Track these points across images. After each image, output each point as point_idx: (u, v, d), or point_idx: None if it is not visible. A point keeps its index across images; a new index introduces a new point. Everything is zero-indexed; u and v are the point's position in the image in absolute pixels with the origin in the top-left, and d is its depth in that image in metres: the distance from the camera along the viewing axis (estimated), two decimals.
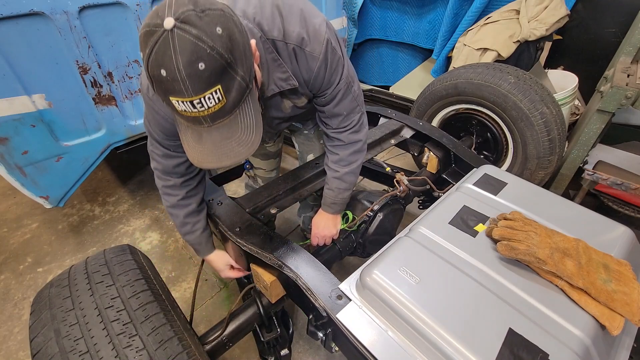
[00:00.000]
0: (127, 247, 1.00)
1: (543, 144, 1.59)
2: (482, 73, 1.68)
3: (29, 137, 1.47)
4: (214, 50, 0.57)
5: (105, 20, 1.50)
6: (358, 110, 1.05)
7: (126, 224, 2.22)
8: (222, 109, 0.64)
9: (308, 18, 0.84)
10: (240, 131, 0.69)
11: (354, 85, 1.00)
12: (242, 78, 0.64)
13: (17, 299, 1.77)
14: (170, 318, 0.80)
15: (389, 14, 2.84)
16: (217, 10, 0.60)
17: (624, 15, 2.15)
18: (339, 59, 0.91)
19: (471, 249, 0.93)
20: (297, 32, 0.83)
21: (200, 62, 0.57)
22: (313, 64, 0.87)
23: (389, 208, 1.31)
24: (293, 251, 1.03)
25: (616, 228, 1.02)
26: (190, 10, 0.57)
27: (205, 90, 0.59)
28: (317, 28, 0.85)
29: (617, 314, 0.78)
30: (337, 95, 0.97)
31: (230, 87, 0.62)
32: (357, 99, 1.03)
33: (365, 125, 1.10)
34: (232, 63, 0.61)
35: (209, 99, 0.60)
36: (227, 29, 0.60)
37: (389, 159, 2.62)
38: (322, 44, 0.85)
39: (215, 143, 0.69)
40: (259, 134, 0.71)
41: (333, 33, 0.89)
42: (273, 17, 0.83)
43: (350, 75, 0.97)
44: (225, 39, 0.59)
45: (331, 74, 0.91)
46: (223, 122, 0.67)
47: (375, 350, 0.78)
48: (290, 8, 0.84)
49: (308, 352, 1.48)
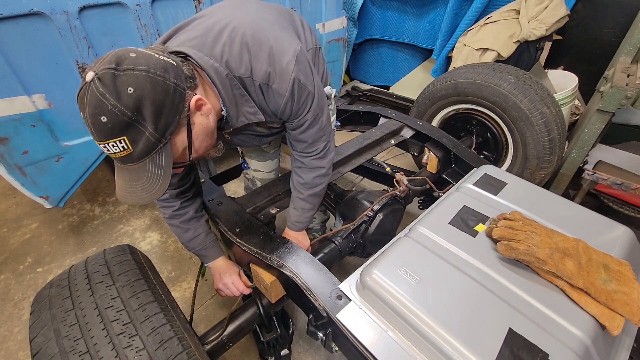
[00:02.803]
0: (127, 247, 1.00)
1: (543, 144, 1.59)
2: (482, 73, 1.68)
3: (29, 137, 1.47)
4: (115, 107, 0.64)
5: (105, 20, 1.50)
6: (324, 140, 1.07)
7: (126, 224, 2.22)
8: (128, 156, 0.70)
9: (277, 55, 0.87)
10: (146, 179, 0.74)
11: (322, 117, 1.01)
12: (151, 134, 0.69)
13: (17, 299, 1.77)
14: (170, 318, 0.80)
15: (389, 14, 2.84)
16: (140, 71, 0.66)
17: (624, 15, 2.15)
18: (308, 94, 0.93)
19: (471, 249, 0.93)
20: (264, 70, 0.86)
21: (103, 116, 0.64)
22: (279, 100, 0.90)
23: (389, 208, 1.31)
24: (293, 251, 1.03)
25: (616, 228, 1.02)
26: (109, 69, 0.65)
27: (108, 139, 0.67)
28: (284, 67, 0.87)
29: (617, 314, 0.78)
30: (303, 124, 0.99)
31: (137, 140, 0.68)
32: (324, 129, 1.04)
33: (330, 152, 1.12)
34: (139, 120, 0.67)
35: (113, 146, 0.68)
36: (141, 89, 0.66)
37: (389, 159, 2.62)
38: (289, 82, 0.87)
39: (125, 181, 0.75)
40: (163, 186, 0.76)
41: (304, 67, 0.91)
42: (241, 54, 0.86)
43: (319, 106, 0.99)
44: (133, 99, 0.65)
45: (298, 107, 0.94)
46: (132, 166, 0.73)
47: (375, 350, 0.78)
48: (260, 45, 0.86)
49: (308, 352, 1.48)
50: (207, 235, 1.19)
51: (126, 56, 0.68)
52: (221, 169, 1.94)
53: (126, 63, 0.66)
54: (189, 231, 1.16)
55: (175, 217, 1.13)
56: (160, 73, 0.69)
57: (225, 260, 1.22)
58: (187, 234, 1.16)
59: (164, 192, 0.76)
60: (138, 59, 0.68)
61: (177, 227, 1.15)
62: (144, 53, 0.70)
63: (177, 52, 0.82)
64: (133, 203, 0.77)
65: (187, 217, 1.15)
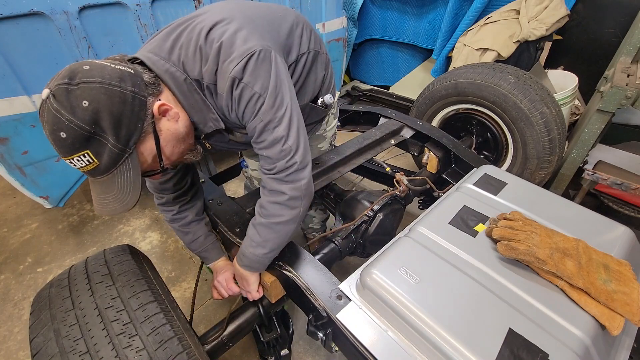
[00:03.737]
0: (127, 247, 1.00)
1: (543, 144, 1.59)
2: (482, 73, 1.68)
3: (29, 137, 1.47)
4: (72, 122, 0.64)
5: (105, 20, 1.50)
6: (285, 158, 0.87)
7: (126, 224, 2.22)
8: (96, 169, 0.70)
9: (223, 53, 0.80)
10: (117, 190, 0.74)
11: (278, 127, 0.84)
12: (114, 145, 0.69)
13: (17, 299, 1.77)
14: (170, 318, 0.80)
15: (389, 14, 2.84)
16: (94, 83, 0.66)
17: (624, 15, 2.15)
18: (252, 96, 0.81)
19: (471, 249, 0.93)
20: (210, 70, 0.81)
21: (61, 132, 0.64)
22: (221, 101, 0.84)
23: (389, 208, 1.31)
24: (293, 251, 1.03)
25: (616, 228, 1.02)
26: (62, 85, 0.64)
27: (71, 154, 0.67)
28: (225, 66, 0.79)
29: (617, 314, 0.78)
30: (254, 133, 0.86)
31: (100, 152, 0.68)
32: (284, 145, 0.85)
33: (298, 180, 0.89)
34: (98, 132, 0.67)
35: (78, 160, 0.68)
36: (96, 101, 0.65)
37: (389, 159, 2.62)
38: (227, 81, 0.79)
39: (98, 194, 0.76)
40: (135, 195, 0.75)
41: (256, 68, 0.80)
42: (195, 55, 0.82)
43: (272, 114, 0.83)
44: (89, 112, 0.65)
45: (242, 111, 0.83)
46: (102, 178, 0.73)
47: (375, 350, 0.78)
48: (211, 43, 0.81)
49: (308, 352, 1.48)
50: (206, 237, 1.18)
51: (79, 70, 0.67)
52: (221, 168, 1.94)
53: (79, 77, 0.66)
54: (189, 234, 1.16)
55: (175, 221, 1.14)
56: (116, 83, 0.68)
57: (225, 261, 1.21)
58: (187, 237, 1.16)
59: (136, 201, 0.76)
60: (91, 71, 0.67)
61: (177, 230, 1.16)
62: (98, 64, 0.70)
63: (134, 58, 0.80)
64: (108, 214, 0.78)
65: (187, 221, 1.14)
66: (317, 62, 1.08)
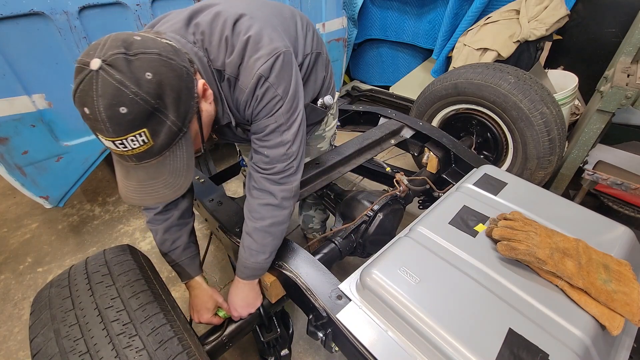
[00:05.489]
0: (127, 247, 1.00)
1: (543, 144, 1.59)
2: (482, 73, 1.68)
3: (29, 137, 1.47)
4: (137, 95, 0.57)
5: (105, 20, 1.50)
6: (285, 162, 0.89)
7: (126, 224, 2.22)
8: (148, 150, 0.63)
9: (250, 48, 0.79)
10: (167, 173, 0.68)
11: (288, 132, 0.86)
12: (174, 123, 0.64)
13: (17, 299, 1.77)
14: (170, 318, 0.80)
15: (389, 14, 2.84)
16: (152, 54, 0.60)
17: (624, 15, 2.15)
18: (274, 97, 0.81)
19: (471, 249, 0.93)
20: (234, 62, 0.79)
21: (122, 107, 0.57)
22: (240, 96, 0.82)
23: (389, 208, 1.31)
24: (293, 251, 1.03)
25: (616, 228, 1.02)
26: (119, 54, 0.57)
27: (127, 133, 0.59)
28: (252, 61, 0.78)
29: (617, 314, 0.78)
30: (264, 130, 0.86)
31: (158, 131, 0.62)
32: (289, 149, 0.88)
33: (290, 184, 0.92)
34: (161, 108, 0.61)
35: (132, 141, 0.60)
36: (159, 74, 0.60)
37: (389, 159, 2.62)
38: (252, 77, 0.78)
39: (141, 182, 0.68)
40: (188, 178, 0.70)
41: (280, 69, 0.80)
42: (220, 45, 0.79)
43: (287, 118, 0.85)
44: (154, 84, 0.59)
45: (260, 109, 0.83)
46: (150, 162, 0.66)
47: (375, 350, 0.78)
48: (238, 36, 0.79)
49: (308, 352, 1.48)
50: (185, 248, 1.05)
51: (131, 39, 0.60)
52: (220, 168, 1.94)
53: (135, 47, 0.59)
54: (167, 242, 1.03)
55: (155, 222, 1.01)
56: (172, 56, 0.63)
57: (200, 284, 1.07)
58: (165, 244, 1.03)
59: (189, 185, 0.70)
60: (145, 42, 0.61)
61: (156, 234, 1.02)
62: (149, 36, 0.64)
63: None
64: (153, 204, 0.71)
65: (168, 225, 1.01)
66: (319, 63, 1.08)
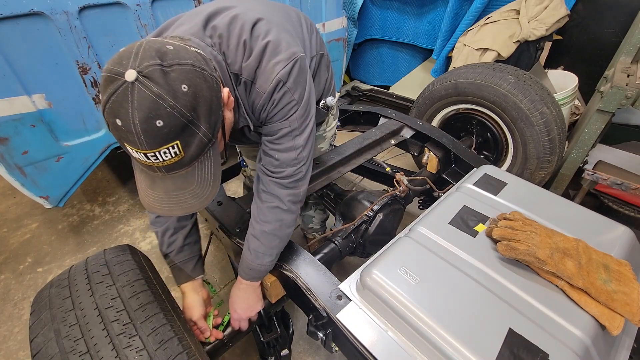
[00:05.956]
0: (127, 247, 1.00)
1: (543, 144, 1.59)
2: (482, 73, 1.68)
3: (29, 137, 1.47)
4: (174, 109, 0.56)
5: (105, 20, 1.50)
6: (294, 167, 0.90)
7: (126, 224, 2.22)
8: (178, 162, 0.63)
9: (269, 52, 0.79)
10: (196, 184, 0.68)
11: (299, 137, 0.87)
12: (205, 134, 0.63)
13: (17, 299, 1.77)
14: (170, 318, 0.80)
15: (389, 14, 2.84)
16: (187, 65, 0.59)
17: (624, 15, 2.15)
18: (290, 102, 0.82)
19: (471, 249, 0.93)
20: (252, 66, 0.79)
21: (159, 120, 0.56)
22: (258, 99, 0.82)
23: (389, 208, 1.31)
24: (293, 251, 1.03)
25: (616, 228, 1.02)
26: (155, 65, 0.56)
27: (160, 146, 0.58)
28: (270, 67, 0.78)
29: (617, 314, 0.78)
30: (277, 132, 0.86)
31: (190, 143, 0.61)
32: (299, 154, 0.89)
33: (297, 189, 0.93)
34: (195, 120, 0.60)
35: (165, 153, 0.59)
36: (194, 85, 0.59)
37: (389, 159, 2.62)
38: (271, 82, 0.78)
39: (168, 192, 0.67)
40: (215, 188, 0.70)
41: (297, 75, 0.81)
42: (237, 49, 0.79)
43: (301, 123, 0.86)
44: (190, 96, 0.58)
45: (275, 113, 0.83)
46: (179, 173, 0.65)
47: (375, 350, 0.78)
48: (256, 40, 0.79)
49: (308, 352, 1.48)
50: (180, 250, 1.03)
51: (165, 49, 0.59)
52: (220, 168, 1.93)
53: (170, 57, 0.58)
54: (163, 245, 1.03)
55: (156, 224, 1.01)
56: (203, 66, 0.63)
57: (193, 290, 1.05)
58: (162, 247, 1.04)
59: (215, 194, 0.70)
60: (179, 52, 0.60)
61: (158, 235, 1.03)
62: (179, 45, 0.63)
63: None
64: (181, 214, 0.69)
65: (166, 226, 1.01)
66: (322, 64, 1.09)
